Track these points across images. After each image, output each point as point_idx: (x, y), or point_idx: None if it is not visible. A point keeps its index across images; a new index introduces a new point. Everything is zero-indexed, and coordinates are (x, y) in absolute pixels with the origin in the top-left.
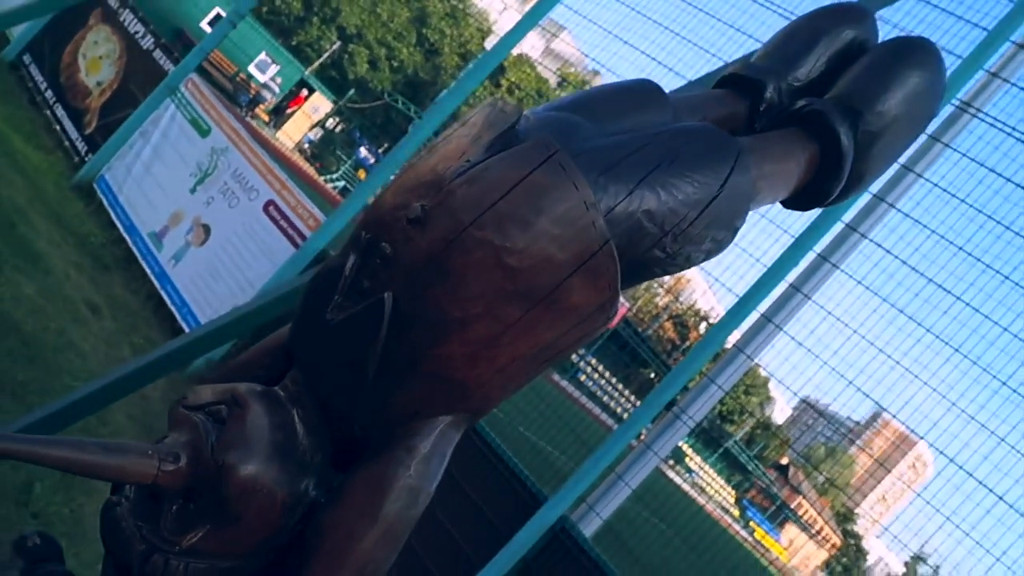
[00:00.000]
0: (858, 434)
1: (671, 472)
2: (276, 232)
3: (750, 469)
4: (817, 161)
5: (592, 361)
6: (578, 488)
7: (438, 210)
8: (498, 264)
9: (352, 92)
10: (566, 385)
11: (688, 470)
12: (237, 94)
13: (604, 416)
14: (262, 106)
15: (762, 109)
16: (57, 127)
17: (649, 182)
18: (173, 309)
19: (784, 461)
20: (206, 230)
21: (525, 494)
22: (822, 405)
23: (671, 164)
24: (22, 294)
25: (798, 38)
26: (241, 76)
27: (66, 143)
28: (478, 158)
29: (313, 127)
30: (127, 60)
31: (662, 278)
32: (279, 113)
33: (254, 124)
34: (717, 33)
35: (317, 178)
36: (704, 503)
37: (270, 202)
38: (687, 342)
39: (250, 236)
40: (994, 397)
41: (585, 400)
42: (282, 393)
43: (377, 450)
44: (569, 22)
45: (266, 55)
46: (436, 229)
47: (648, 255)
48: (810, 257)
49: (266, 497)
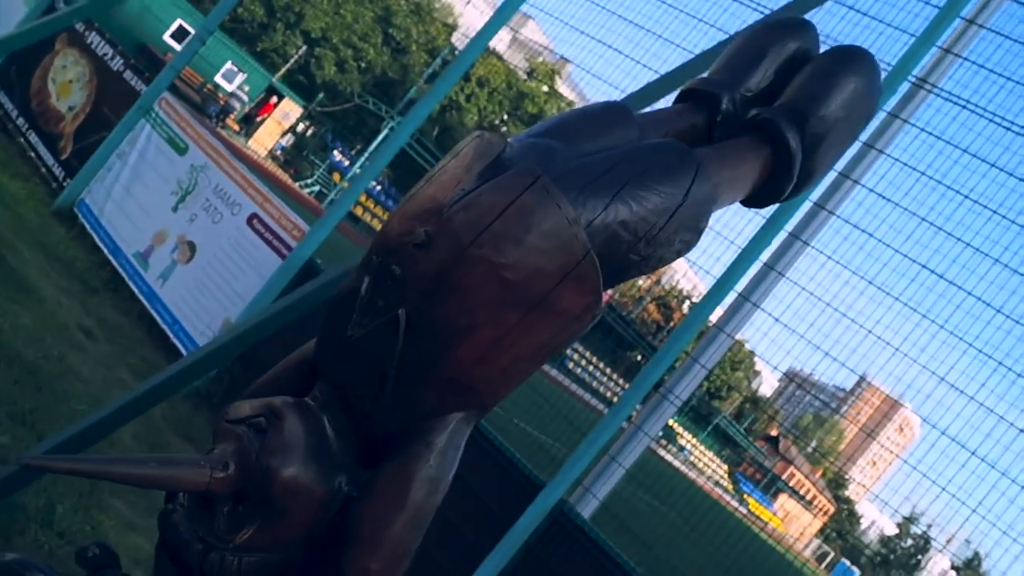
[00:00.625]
0: (844, 401)
1: (664, 452)
2: (261, 245)
3: (741, 443)
4: (770, 164)
5: (579, 348)
6: (574, 472)
7: (440, 234)
8: (496, 277)
9: (321, 96)
10: (555, 374)
11: (680, 448)
12: (206, 105)
13: (594, 401)
14: (232, 116)
15: (719, 120)
16: (32, 154)
17: (621, 196)
18: (165, 327)
19: (774, 433)
20: (191, 247)
21: (523, 481)
22: (807, 375)
23: (640, 179)
24: (20, 324)
25: (747, 52)
26: (208, 87)
27: (42, 170)
28: (471, 186)
29: (285, 133)
30: (98, 83)
31: None
32: (249, 122)
33: (225, 134)
34: (681, 23)
35: (292, 185)
36: (698, 479)
37: (253, 215)
38: (671, 323)
39: (236, 250)
40: (974, 362)
41: (575, 387)
42: (312, 403)
43: (399, 447)
44: (535, 11)
45: (232, 64)
46: (439, 251)
47: (625, 260)
48: (782, 236)
49: (306, 495)
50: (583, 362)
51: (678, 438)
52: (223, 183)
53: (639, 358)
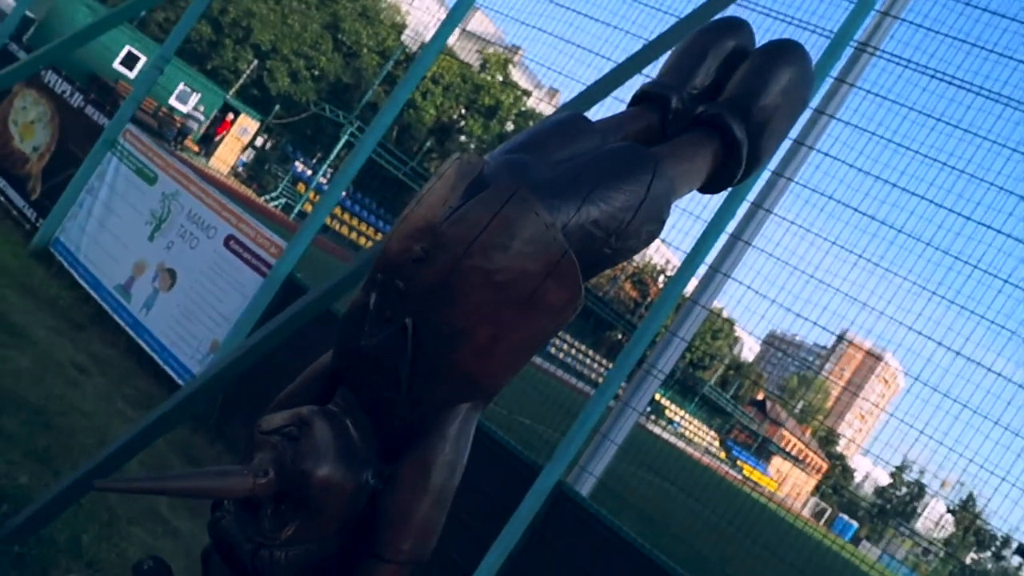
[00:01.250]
0: (827, 359)
1: (654, 427)
2: (241, 265)
3: (729, 410)
4: (720, 154)
5: (561, 334)
6: (569, 453)
7: (435, 249)
8: (489, 282)
9: (277, 108)
10: (541, 362)
11: (670, 422)
12: (163, 129)
13: (581, 384)
14: (190, 137)
15: (671, 118)
16: (1, 199)
17: (591, 199)
18: (154, 355)
19: (760, 397)
20: (172, 274)
21: (521, 467)
22: (788, 337)
23: (605, 182)
24: (19, 367)
25: (691, 54)
26: (164, 110)
27: (14, 212)
28: (458, 203)
29: (244, 149)
30: (60, 120)
31: None
32: (208, 141)
33: (185, 156)
34: (625, 4)
35: (258, 201)
36: (690, 450)
37: (230, 237)
38: (648, 298)
39: (216, 273)
40: (939, 308)
41: (562, 373)
42: (335, 408)
43: (417, 439)
44: (481, 1)
45: (185, 85)
46: (436, 264)
47: (599, 254)
48: (746, 207)
49: (338, 491)
50: (566, 347)
51: (667, 412)
52: (196, 208)
53: (620, 337)
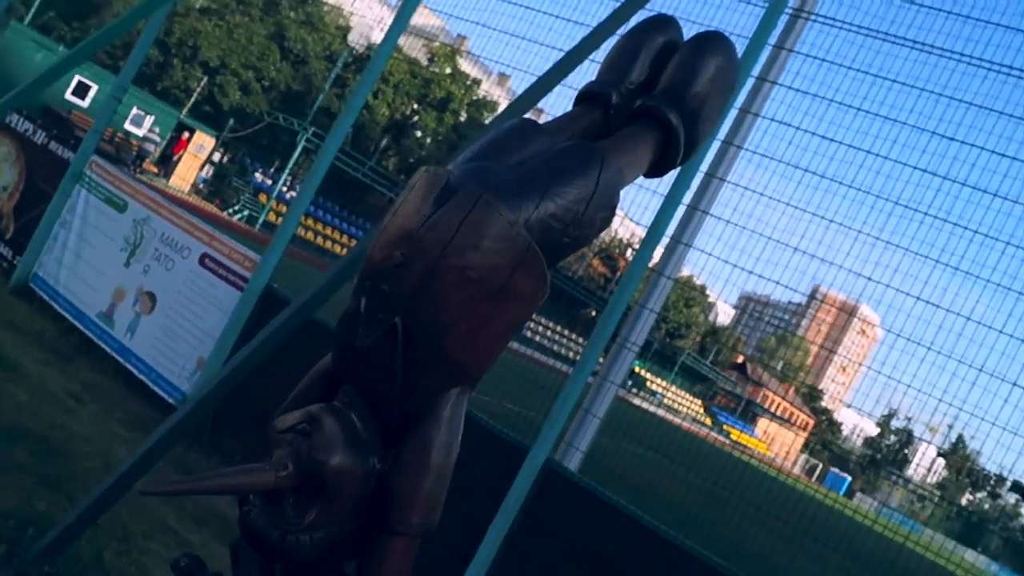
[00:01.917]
0: (803, 314)
1: (638, 399)
2: (217, 281)
3: (710, 376)
4: (660, 141)
5: (535, 316)
6: (554, 431)
7: (414, 254)
8: (464, 279)
9: (231, 122)
10: (517, 346)
11: (652, 393)
12: (121, 154)
13: (560, 364)
14: (148, 159)
15: (613, 113)
16: None
17: (548, 195)
18: (143, 378)
19: (740, 360)
20: (151, 297)
21: (510, 450)
22: (761, 297)
23: (559, 179)
24: (18, 400)
25: (625, 52)
26: (120, 136)
27: None
28: (430, 211)
29: (203, 166)
30: (25, 158)
31: None
32: (166, 161)
33: (145, 179)
34: None
35: (221, 214)
36: (676, 419)
37: (204, 255)
38: (618, 273)
39: (195, 291)
40: (913, 260)
41: (539, 355)
42: (339, 404)
43: (415, 424)
44: None
45: (138, 109)
46: (416, 267)
47: (560, 243)
48: (699, 177)
49: (350, 476)
50: (541, 329)
51: (648, 384)
52: (168, 230)
53: (594, 314)
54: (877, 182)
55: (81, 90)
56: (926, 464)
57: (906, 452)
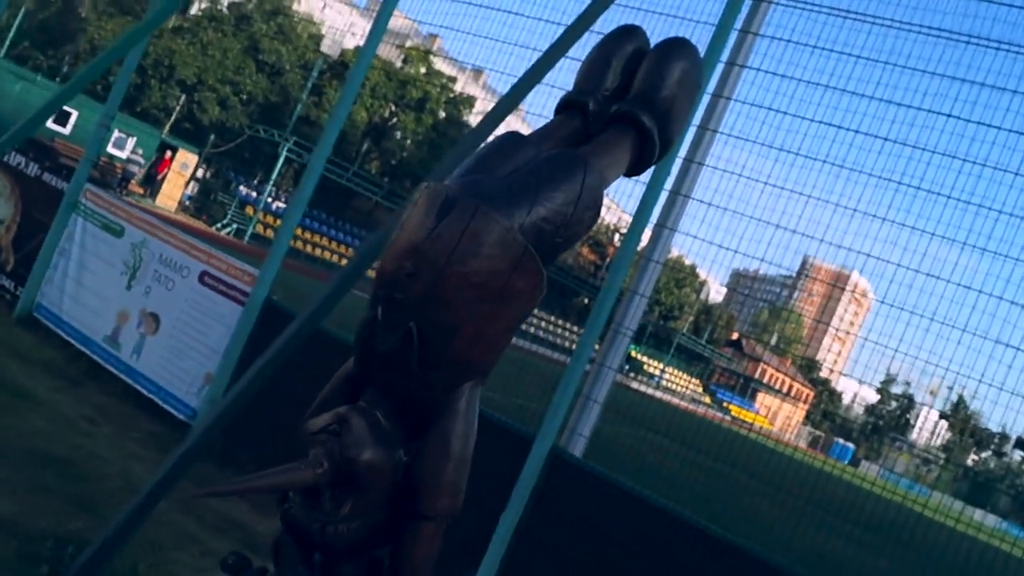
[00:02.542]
0: (794, 286)
1: (637, 383)
2: (218, 297)
3: (706, 355)
4: (637, 143)
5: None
6: (557, 419)
7: (421, 264)
8: (468, 284)
9: (213, 137)
10: (515, 341)
11: (650, 376)
12: (106, 178)
13: (555, 354)
14: (133, 181)
15: (591, 120)
16: None
17: (538, 201)
18: (152, 397)
19: (735, 337)
20: (155, 318)
21: (516, 440)
22: (752, 272)
23: (547, 185)
24: (38, 427)
25: (598, 62)
26: (103, 160)
27: None
28: (433, 225)
29: (188, 183)
30: (20, 191)
31: None
32: (151, 181)
33: (132, 200)
34: None
35: (209, 230)
36: (676, 400)
37: (203, 273)
38: (607, 259)
39: (197, 309)
40: (900, 230)
41: (536, 347)
42: (364, 404)
43: (434, 418)
44: None
45: (119, 131)
46: (425, 276)
47: (552, 244)
48: (679, 163)
49: (380, 469)
50: (534, 320)
51: (645, 367)
52: (166, 252)
53: (586, 301)
54: (851, 154)
55: (62, 118)
56: (929, 427)
57: (908, 417)
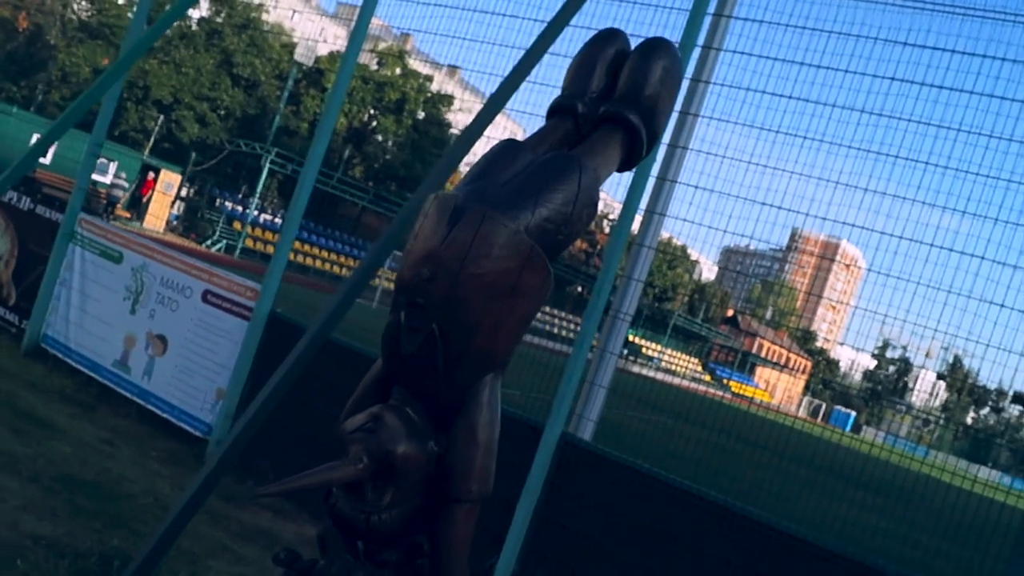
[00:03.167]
0: (785, 259)
1: (637, 367)
2: (223, 314)
3: (703, 334)
4: (626, 140)
5: None
6: (564, 406)
7: (438, 270)
8: (482, 284)
9: (194, 155)
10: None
11: (649, 359)
12: (91, 205)
13: (552, 344)
14: (119, 205)
15: (581, 122)
16: None
17: (540, 202)
18: (167, 416)
19: (730, 313)
20: (162, 339)
21: (526, 430)
22: (742, 248)
23: (546, 187)
24: (64, 453)
25: (584, 66)
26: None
27: None
28: (446, 232)
29: (173, 203)
30: (15, 226)
31: None
32: (137, 204)
33: (119, 224)
34: None
35: (200, 248)
36: (676, 381)
37: (206, 292)
38: (598, 246)
39: (203, 328)
40: (883, 199)
41: (536, 339)
42: (395, 402)
43: (460, 410)
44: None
45: (101, 158)
46: (442, 280)
47: (555, 241)
48: (663, 149)
49: (415, 460)
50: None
51: (644, 351)
52: (167, 274)
53: (580, 289)
54: (831, 127)
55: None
56: (927, 389)
57: (906, 380)
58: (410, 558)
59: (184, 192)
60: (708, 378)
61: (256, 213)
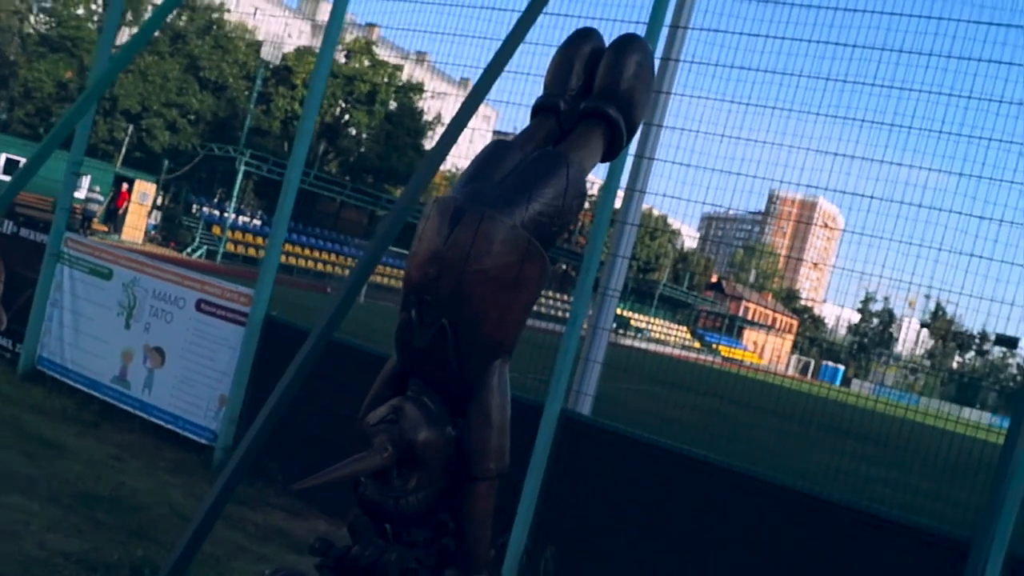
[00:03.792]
0: (765, 221)
1: (626, 339)
2: (219, 322)
3: (689, 301)
4: (606, 132)
5: None
6: (562, 382)
7: (444, 268)
8: (486, 279)
9: (167, 163)
10: None
11: (638, 331)
12: (68, 222)
13: (541, 323)
14: (95, 220)
15: (564, 118)
16: None
17: (532, 198)
18: (171, 427)
19: (715, 279)
20: (159, 352)
21: (527, 409)
22: (722, 214)
23: (537, 184)
24: (77, 471)
25: (563, 65)
26: None
27: None
28: (448, 232)
29: (150, 212)
30: (0, 251)
31: None
32: (113, 217)
33: (97, 239)
34: None
35: (181, 256)
36: (666, 350)
37: (199, 301)
38: (581, 225)
39: (200, 337)
40: (851, 162)
41: (529, 321)
42: (412, 393)
43: (473, 395)
44: None
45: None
46: (448, 277)
47: (550, 232)
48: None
49: (436, 445)
50: None
51: (632, 323)
52: (158, 286)
53: (564, 267)
54: (799, 95)
55: (11, 167)
56: (912, 338)
57: (891, 331)
58: (436, 536)
59: (160, 201)
60: (698, 344)
61: (234, 216)
